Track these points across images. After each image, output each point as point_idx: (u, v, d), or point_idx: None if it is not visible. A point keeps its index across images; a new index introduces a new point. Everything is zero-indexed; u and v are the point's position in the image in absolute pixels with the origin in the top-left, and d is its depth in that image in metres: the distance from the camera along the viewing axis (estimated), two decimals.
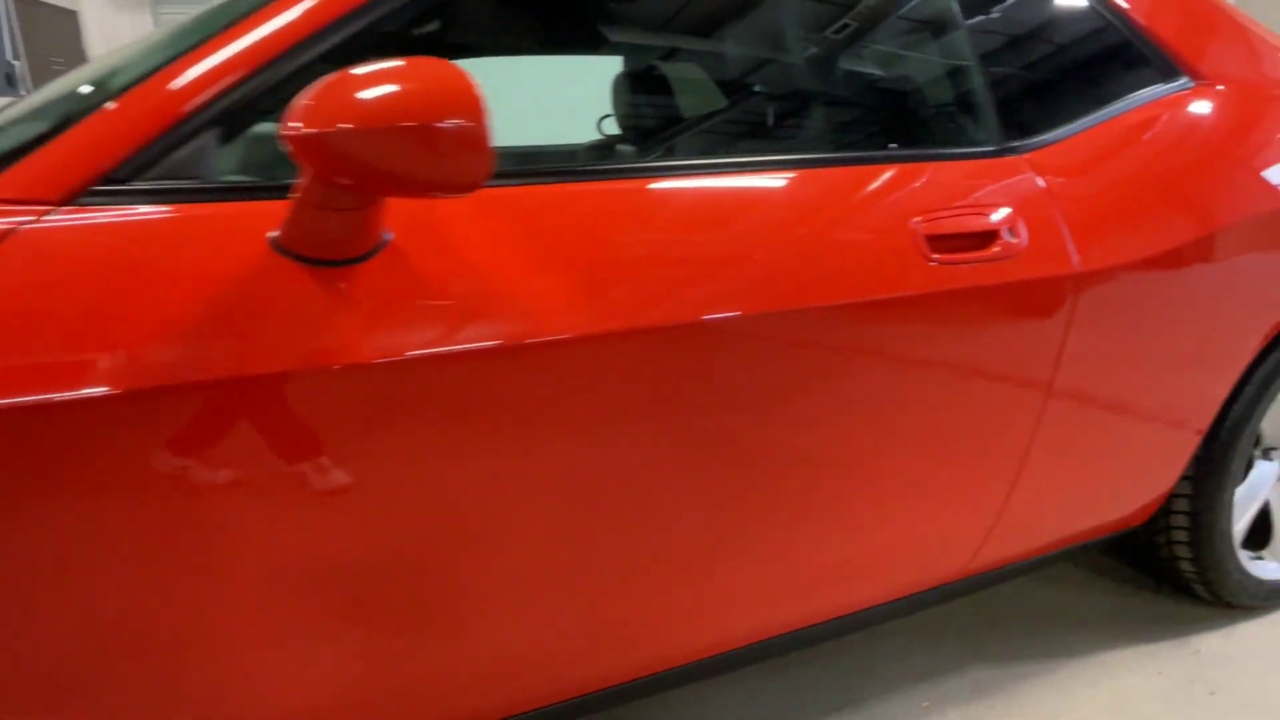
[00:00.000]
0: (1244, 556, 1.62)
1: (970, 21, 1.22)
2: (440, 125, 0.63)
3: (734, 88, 1.17)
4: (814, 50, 1.18)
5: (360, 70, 0.66)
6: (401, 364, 0.78)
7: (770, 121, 1.14)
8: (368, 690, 0.89)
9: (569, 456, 0.89)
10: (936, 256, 1.04)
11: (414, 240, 0.82)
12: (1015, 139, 1.18)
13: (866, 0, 1.18)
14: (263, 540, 0.78)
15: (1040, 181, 1.15)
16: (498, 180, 0.89)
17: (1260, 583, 1.63)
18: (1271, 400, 1.48)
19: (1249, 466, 1.62)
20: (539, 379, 0.85)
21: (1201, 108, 1.32)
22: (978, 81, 1.20)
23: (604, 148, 1.64)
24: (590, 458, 0.90)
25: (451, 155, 0.64)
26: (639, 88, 1.36)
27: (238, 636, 0.80)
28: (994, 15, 1.24)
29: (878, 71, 1.22)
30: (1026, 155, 1.17)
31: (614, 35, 1.17)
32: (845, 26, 1.17)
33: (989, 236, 1.08)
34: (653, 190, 0.95)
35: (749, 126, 1.14)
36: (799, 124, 1.17)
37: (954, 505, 1.21)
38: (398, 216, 0.82)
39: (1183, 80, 1.34)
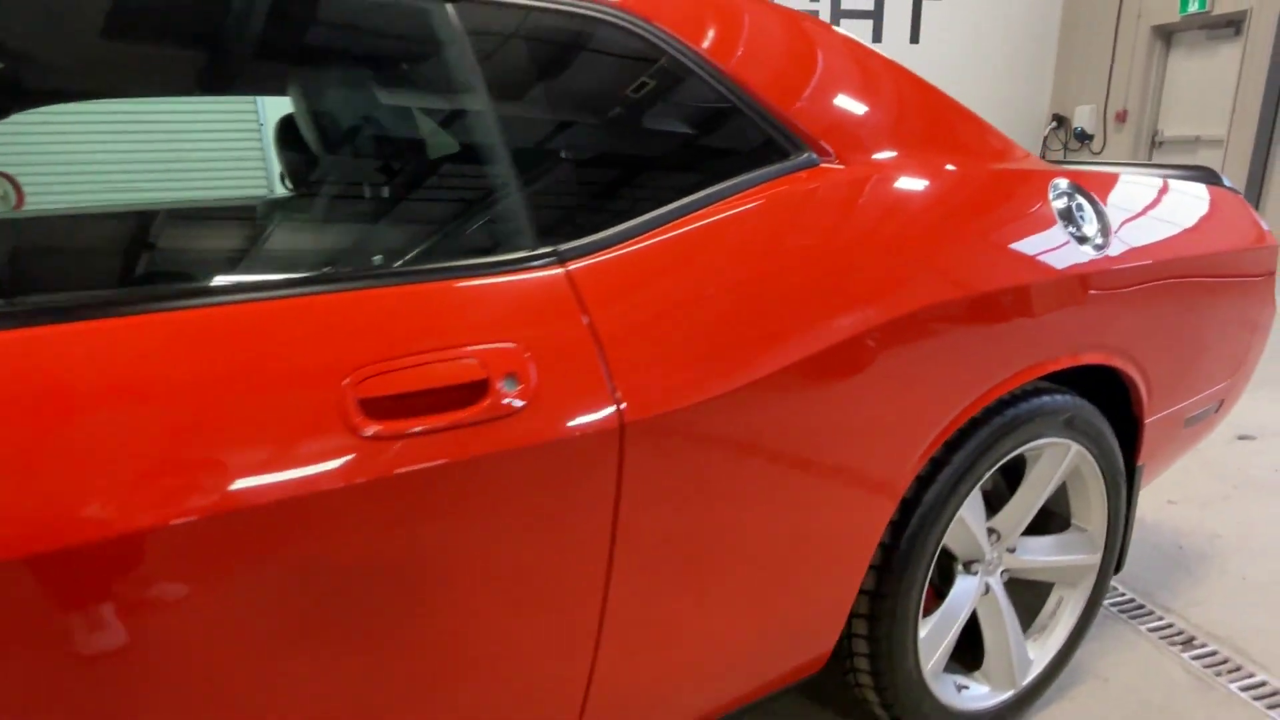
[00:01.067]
0: (946, 689, 1.41)
1: (487, 84, 0.92)
2: None
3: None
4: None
5: None
6: None
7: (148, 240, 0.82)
8: None
9: None
10: (372, 429, 0.74)
11: None
12: (553, 242, 0.90)
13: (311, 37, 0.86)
14: None
15: (578, 299, 0.87)
16: None
17: (966, 717, 1.42)
18: (951, 518, 1.27)
19: (950, 582, 1.42)
20: None
21: (826, 190, 1.08)
22: (499, 167, 0.90)
23: None
24: None
25: None
26: None
27: None
28: (523, 77, 0.95)
29: (339, 146, 0.92)
30: (566, 264, 0.89)
31: None
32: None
33: (475, 389, 0.79)
34: None
35: (123, 249, 0.81)
36: (191, 239, 0.85)
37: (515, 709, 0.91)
38: None
39: (805, 156, 1.11)
